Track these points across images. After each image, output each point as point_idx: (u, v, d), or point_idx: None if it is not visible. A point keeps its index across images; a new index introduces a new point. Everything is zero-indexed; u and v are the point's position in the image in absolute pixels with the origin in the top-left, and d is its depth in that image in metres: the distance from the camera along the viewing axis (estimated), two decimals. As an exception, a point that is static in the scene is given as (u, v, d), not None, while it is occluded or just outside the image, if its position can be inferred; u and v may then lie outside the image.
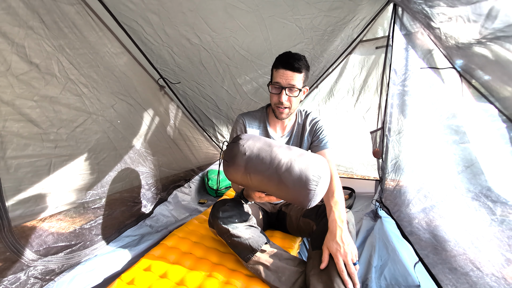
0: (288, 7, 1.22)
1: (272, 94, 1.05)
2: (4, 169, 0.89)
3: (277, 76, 1.01)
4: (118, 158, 1.37)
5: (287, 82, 1.00)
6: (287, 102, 1.02)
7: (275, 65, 1.03)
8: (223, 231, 0.96)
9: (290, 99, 1.02)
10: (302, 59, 1.01)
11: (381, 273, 1.08)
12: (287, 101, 1.02)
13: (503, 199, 0.67)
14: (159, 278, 0.90)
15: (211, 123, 2.11)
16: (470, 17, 0.62)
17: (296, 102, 1.05)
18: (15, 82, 0.90)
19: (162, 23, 1.27)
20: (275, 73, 1.03)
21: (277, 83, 1.01)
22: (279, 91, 1.02)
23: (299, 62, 0.99)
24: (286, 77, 0.99)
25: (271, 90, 1.05)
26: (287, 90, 1.01)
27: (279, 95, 1.02)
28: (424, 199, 1.07)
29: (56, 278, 0.94)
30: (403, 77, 1.22)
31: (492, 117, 0.64)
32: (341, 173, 2.28)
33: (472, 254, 0.76)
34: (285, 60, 1.00)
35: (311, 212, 1.07)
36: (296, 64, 0.98)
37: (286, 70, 0.99)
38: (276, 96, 1.03)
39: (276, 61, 1.04)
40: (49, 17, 0.98)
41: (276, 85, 1.02)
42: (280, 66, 1.00)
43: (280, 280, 0.87)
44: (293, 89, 1.01)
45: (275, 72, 1.03)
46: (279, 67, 1.01)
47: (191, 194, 1.91)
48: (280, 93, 1.01)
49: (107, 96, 1.26)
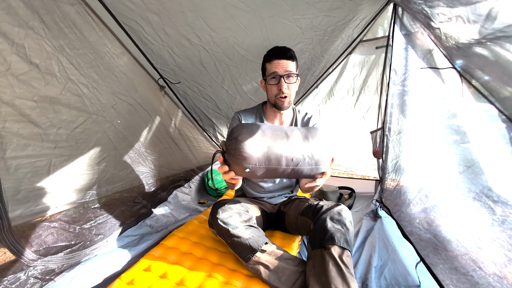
0: (288, 7, 1.22)
1: (271, 86, 1.09)
2: (4, 169, 0.89)
3: (273, 67, 1.06)
4: (118, 158, 1.37)
5: (284, 69, 1.05)
6: (287, 89, 1.06)
7: (267, 59, 1.08)
8: (223, 231, 0.96)
9: (289, 86, 1.07)
10: (291, 50, 1.07)
11: (381, 273, 1.08)
12: (287, 89, 1.06)
13: (503, 199, 0.67)
14: (159, 278, 0.90)
15: (211, 123, 2.11)
16: (470, 18, 0.62)
17: (294, 90, 1.10)
18: (15, 82, 0.90)
19: (162, 23, 1.27)
20: (269, 66, 1.07)
21: (274, 73, 1.05)
22: (278, 81, 1.06)
23: (290, 51, 1.06)
24: (282, 65, 1.05)
25: (269, 82, 1.09)
26: (285, 78, 1.05)
27: (278, 84, 1.06)
28: (425, 199, 1.07)
29: (56, 278, 0.94)
30: (403, 77, 1.22)
31: (492, 117, 0.64)
32: (341, 173, 2.28)
33: (474, 254, 0.76)
34: (276, 51, 1.06)
35: (308, 210, 1.07)
36: (288, 53, 1.05)
37: (281, 60, 1.04)
38: (275, 87, 1.08)
39: (268, 55, 1.09)
40: (49, 17, 0.98)
41: (273, 75, 1.06)
42: (274, 57, 1.05)
43: (280, 280, 0.87)
44: (290, 76, 1.06)
45: (268, 65, 1.08)
46: (272, 59, 1.06)
47: (191, 194, 1.91)
48: (279, 82, 1.06)
49: (107, 96, 1.26)
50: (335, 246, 0.86)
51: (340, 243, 0.86)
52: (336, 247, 0.86)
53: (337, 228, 0.90)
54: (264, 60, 1.11)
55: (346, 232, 0.90)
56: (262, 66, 1.14)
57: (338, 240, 0.87)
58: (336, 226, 0.91)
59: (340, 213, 0.96)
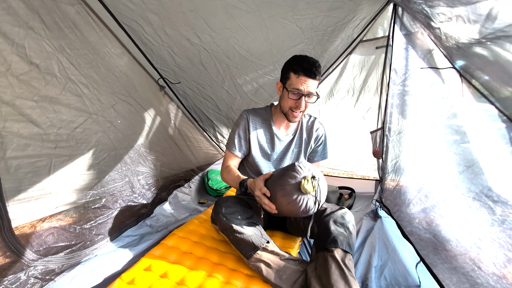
0: (288, 7, 1.22)
1: (289, 99, 1.06)
2: (4, 169, 0.89)
3: (298, 83, 1.02)
4: (118, 158, 1.37)
5: (308, 89, 1.02)
6: (304, 107, 1.06)
7: (295, 70, 1.02)
8: (226, 227, 0.96)
9: (306, 104, 1.06)
10: (320, 66, 1.04)
11: (381, 273, 1.08)
12: (304, 107, 1.05)
13: (503, 199, 0.67)
14: (159, 278, 0.90)
15: (211, 123, 2.11)
16: (470, 17, 0.62)
17: (309, 107, 1.09)
18: (15, 82, 0.90)
19: (162, 23, 1.27)
20: (295, 79, 1.02)
21: (298, 90, 1.02)
22: (298, 97, 1.04)
23: (319, 69, 1.02)
24: (308, 85, 1.02)
25: (290, 96, 1.05)
26: (307, 97, 1.04)
27: (298, 100, 1.04)
28: (425, 199, 1.07)
29: (56, 278, 0.94)
30: (403, 77, 1.22)
31: (492, 117, 0.64)
32: (341, 173, 2.28)
33: (473, 254, 0.76)
34: (308, 68, 1.00)
35: None
36: (318, 71, 1.02)
37: (308, 78, 1.01)
38: (293, 101, 1.06)
39: (296, 65, 1.02)
40: (49, 17, 0.98)
41: (295, 91, 1.03)
42: (302, 73, 1.00)
43: (281, 279, 0.87)
44: (311, 95, 1.04)
45: (294, 78, 1.02)
46: (300, 73, 1.01)
47: (191, 194, 1.91)
48: (299, 99, 1.04)
49: (107, 96, 1.26)
50: (338, 249, 0.86)
51: (343, 246, 0.86)
52: (339, 250, 0.86)
53: (340, 231, 0.91)
54: (290, 67, 1.04)
55: (349, 236, 0.90)
56: (285, 71, 1.07)
57: (341, 243, 0.87)
58: (339, 229, 0.91)
59: (344, 217, 0.96)
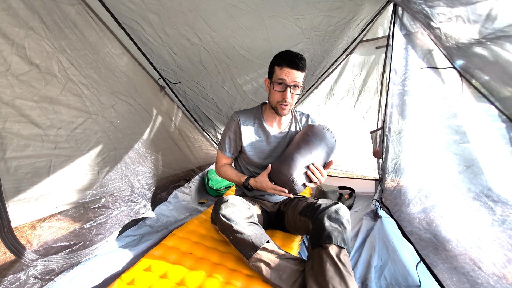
0: (288, 7, 1.22)
1: (275, 92, 1.09)
2: (4, 169, 0.89)
3: (282, 74, 1.04)
4: (118, 158, 1.37)
5: (292, 80, 1.04)
6: (290, 99, 1.07)
7: (278, 63, 1.06)
8: (226, 227, 0.96)
9: (292, 96, 1.08)
10: (304, 59, 1.05)
11: (381, 273, 1.08)
12: (290, 98, 1.07)
13: (503, 199, 0.67)
14: (159, 278, 0.90)
15: (211, 123, 2.11)
16: (470, 17, 0.62)
17: (296, 99, 1.12)
18: (15, 82, 0.90)
19: (162, 23, 1.27)
20: (279, 71, 1.05)
21: (282, 80, 1.05)
22: (284, 89, 1.06)
23: (302, 61, 1.04)
24: (291, 75, 1.04)
25: (275, 88, 1.08)
26: (292, 88, 1.06)
27: (283, 92, 1.06)
28: (425, 199, 1.07)
29: (56, 278, 0.94)
30: (403, 77, 1.22)
31: (492, 117, 0.64)
32: (341, 173, 2.28)
33: (473, 254, 0.76)
34: (290, 59, 1.03)
35: (306, 209, 1.07)
36: (300, 63, 1.03)
37: (292, 69, 1.03)
38: (279, 94, 1.08)
39: (279, 59, 1.06)
40: (49, 17, 0.98)
41: (280, 82, 1.06)
42: (285, 64, 1.03)
43: (281, 279, 0.87)
44: (296, 87, 1.06)
45: (278, 70, 1.06)
46: (283, 65, 1.04)
47: (191, 194, 1.91)
48: (285, 90, 1.06)
49: (107, 96, 1.26)
50: (332, 245, 0.86)
51: (337, 242, 0.86)
52: (334, 246, 0.86)
53: (334, 227, 0.90)
54: (274, 61, 1.08)
55: (343, 231, 0.90)
56: (271, 66, 1.11)
57: (335, 239, 0.87)
58: (333, 225, 0.91)
59: (338, 212, 0.96)
